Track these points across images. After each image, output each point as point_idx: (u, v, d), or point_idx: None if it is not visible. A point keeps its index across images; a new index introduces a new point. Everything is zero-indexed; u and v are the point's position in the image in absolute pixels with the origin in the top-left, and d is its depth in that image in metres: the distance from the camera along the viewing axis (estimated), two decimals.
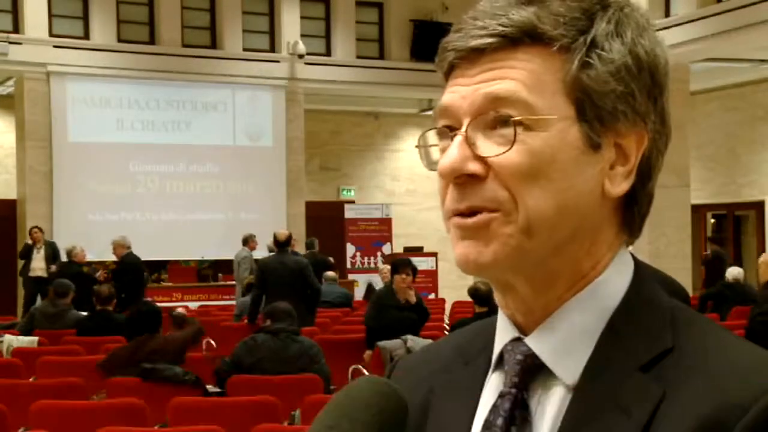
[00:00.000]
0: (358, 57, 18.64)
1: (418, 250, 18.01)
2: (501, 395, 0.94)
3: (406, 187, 20.68)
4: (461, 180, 0.91)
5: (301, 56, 17.63)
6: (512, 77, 0.91)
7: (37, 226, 14.91)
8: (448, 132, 0.94)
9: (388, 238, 18.80)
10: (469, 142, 0.91)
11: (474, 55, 0.93)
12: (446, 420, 0.99)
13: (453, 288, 17.91)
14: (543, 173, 0.90)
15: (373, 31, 19.22)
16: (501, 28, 0.91)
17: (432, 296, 16.41)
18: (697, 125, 17.15)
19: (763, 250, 14.26)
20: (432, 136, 0.97)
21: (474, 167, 0.91)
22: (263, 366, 6.26)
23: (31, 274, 14.44)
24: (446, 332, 9.89)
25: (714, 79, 16.29)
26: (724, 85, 17.55)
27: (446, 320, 12.02)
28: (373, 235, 18.79)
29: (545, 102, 0.90)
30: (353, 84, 18.41)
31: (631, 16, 0.94)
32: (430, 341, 8.45)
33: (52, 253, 14.42)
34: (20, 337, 8.69)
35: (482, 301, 7.88)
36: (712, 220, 19.54)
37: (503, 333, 0.97)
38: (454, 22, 0.96)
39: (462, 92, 0.93)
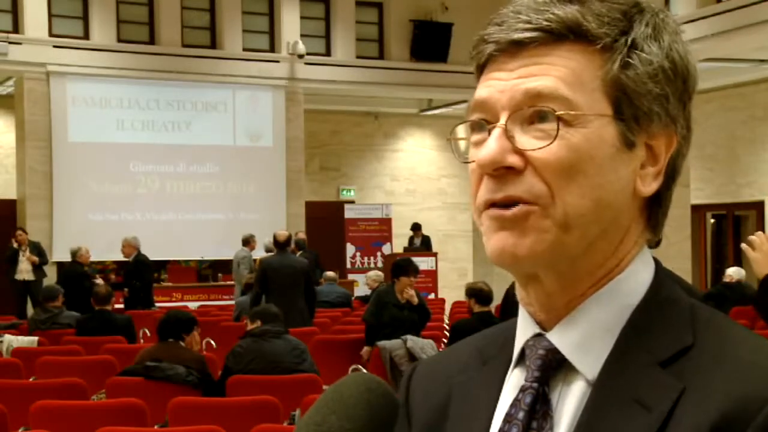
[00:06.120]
0: (358, 57, 18.61)
1: (417, 250, 17.99)
2: (522, 389, 0.95)
3: (406, 187, 20.66)
4: (499, 172, 0.92)
5: (301, 56, 17.61)
6: (553, 74, 0.91)
7: (21, 228, 14.83)
8: (484, 125, 0.94)
9: (388, 238, 18.80)
10: (508, 135, 0.92)
11: (514, 49, 0.93)
12: (466, 416, 1.00)
13: (453, 288, 17.94)
14: (581, 169, 0.91)
15: (372, 31, 19.20)
16: (546, 23, 0.92)
17: (432, 296, 16.39)
18: (697, 125, 16.62)
19: None
20: (461, 130, 0.98)
21: (513, 160, 0.92)
22: (252, 369, 6.21)
23: (18, 277, 14.25)
24: (446, 332, 9.88)
25: (714, 79, 16.25)
26: (724, 85, 17.52)
27: (446, 320, 12.01)
28: (373, 235, 18.79)
29: (585, 99, 0.91)
30: (353, 84, 18.39)
31: (667, 21, 0.95)
32: (430, 341, 8.47)
33: (37, 254, 14.36)
34: (20, 337, 8.70)
35: (484, 300, 7.84)
36: (712, 221, 19.52)
37: (524, 329, 0.98)
38: (493, 16, 0.96)
39: (500, 86, 0.93)
